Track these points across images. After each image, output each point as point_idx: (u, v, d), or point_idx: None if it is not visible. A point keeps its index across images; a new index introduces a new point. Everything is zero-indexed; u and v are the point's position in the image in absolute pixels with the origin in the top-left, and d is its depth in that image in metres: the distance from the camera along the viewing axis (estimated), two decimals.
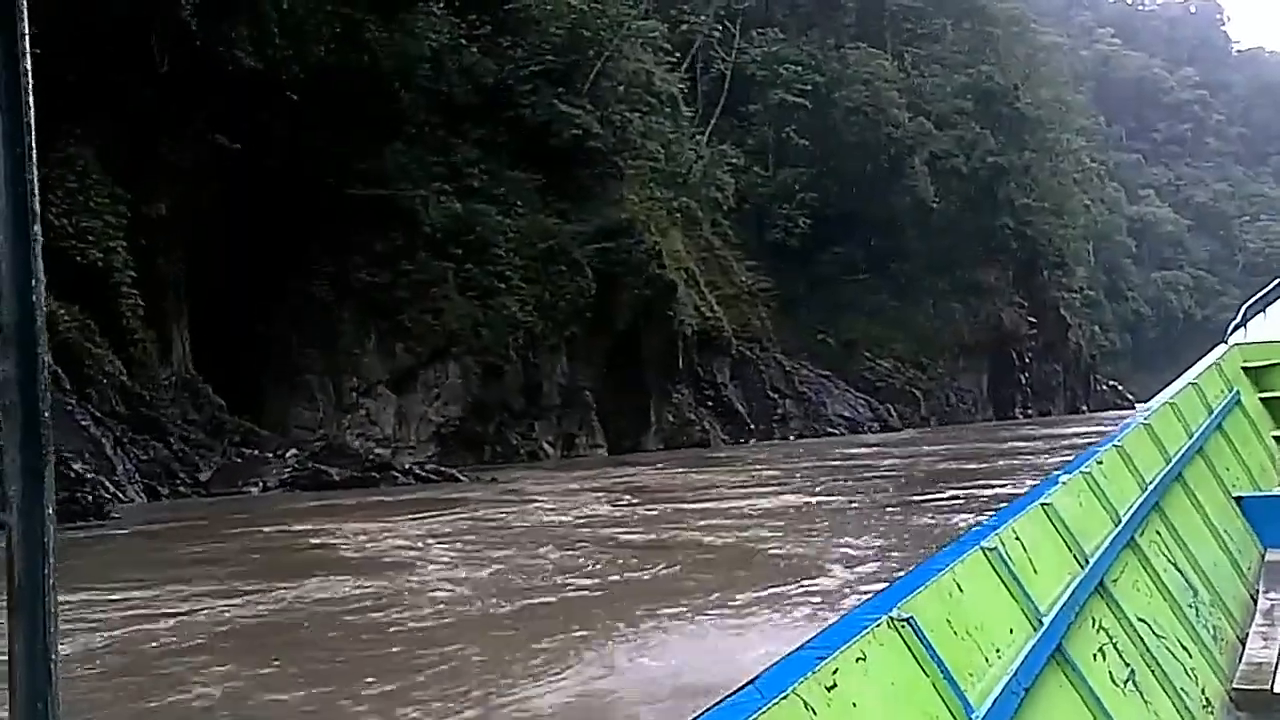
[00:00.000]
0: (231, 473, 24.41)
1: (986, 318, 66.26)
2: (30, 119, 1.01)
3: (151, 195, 29.12)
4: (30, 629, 0.98)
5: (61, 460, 18.33)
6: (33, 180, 1.00)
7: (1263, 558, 7.09)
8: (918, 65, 69.94)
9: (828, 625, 2.45)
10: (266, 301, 32.05)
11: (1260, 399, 9.63)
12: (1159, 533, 5.55)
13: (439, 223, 34.07)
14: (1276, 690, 4.79)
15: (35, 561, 0.99)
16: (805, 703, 2.01)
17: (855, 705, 2.19)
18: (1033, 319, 70.21)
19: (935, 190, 64.96)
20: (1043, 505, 4.03)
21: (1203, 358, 9.66)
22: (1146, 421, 6.56)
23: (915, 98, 67.24)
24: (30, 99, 1.01)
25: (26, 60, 1.00)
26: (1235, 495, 7.50)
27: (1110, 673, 3.85)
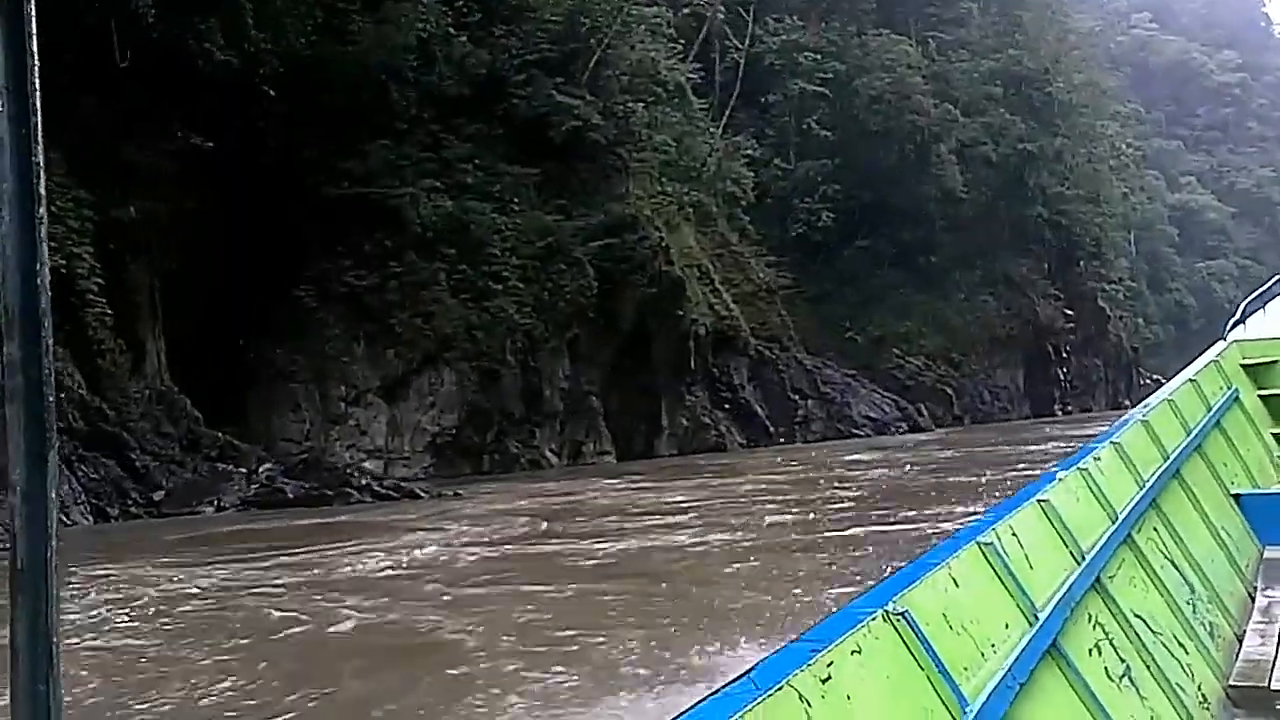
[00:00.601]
0: (188, 491, 22.83)
1: (1021, 311, 63.85)
2: (36, 101, 0.99)
3: (120, 199, 27.65)
4: (33, 610, 0.99)
5: None
6: (39, 162, 0.99)
7: (1261, 555, 7.06)
8: (943, 51, 67.64)
9: (823, 618, 2.43)
10: (250, 308, 30.53)
11: (1259, 396, 9.58)
12: (1156, 530, 5.53)
13: (429, 222, 32.43)
14: (1273, 687, 4.75)
15: (38, 544, 0.99)
16: (800, 694, 2.02)
17: (850, 698, 2.19)
18: (1070, 311, 67.69)
19: (964, 179, 62.74)
20: (1040, 501, 4.04)
21: (1202, 354, 9.55)
22: (1145, 418, 6.48)
23: (941, 84, 65.02)
24: (37, 81, 0.99)
25: (33, 42, 1.00)
26: (1233, 493, 7.46)
27: (1106, 669, 3.85)
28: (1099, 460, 5.09)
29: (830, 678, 2.12)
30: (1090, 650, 3.80)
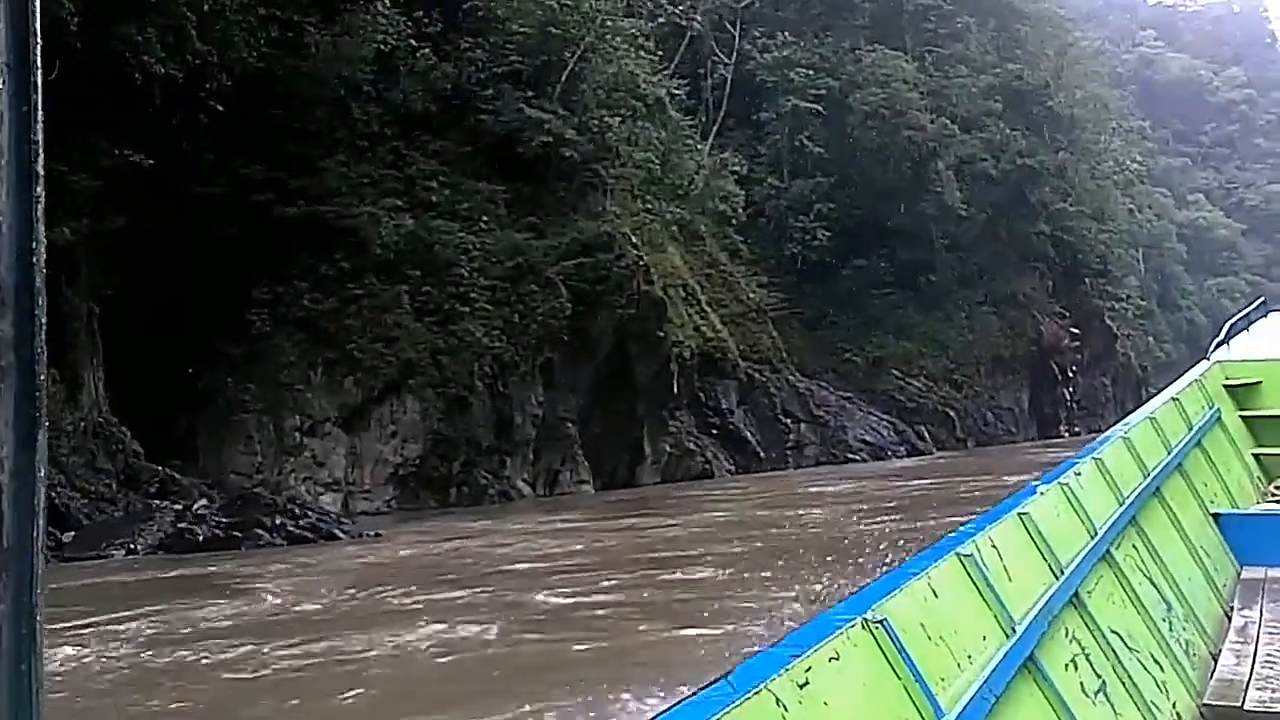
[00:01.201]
0: (99, 534, 21.03)
1: (1025, 330, 61.94)
2: (38, 78, 0.99)
3: (51, 219, 26.00)
4: (16, 590, 0.97)
5: None
6: (38, 141, 0.98)
7: (1238, 575, 7.10)
8: (941, 66, 66.07)
9: (802, 624, 2.45)
10: (198, 334, 28.86)
11: (1240, 416, 9.64)
12: (1135, 546, 5.59)
13: (391, 242, 30.75)
14: (1247, 707, 4.74)
15: (25, 524, 0.98)
16: (777, 699, 2.04)
17: (826, 704, 2.22)
18: (1076, 330, 65.74)
19: (963, 196, 60.97)
20: (1020, 514, 4.06)
21: (1185, 374, 9.64)
22: (1126, 436, 6.48)
23: (939, 100, 63.41)
24: (39, 58, 0.99)
25: (36, 20, 0.98)
26: (1213, 512, 7.50)
27: (1081, 683, 3.86)
28: (1080, 475, 5.10)
29: (808, 683, 2.15)
30: (1066, 665, 3.82)
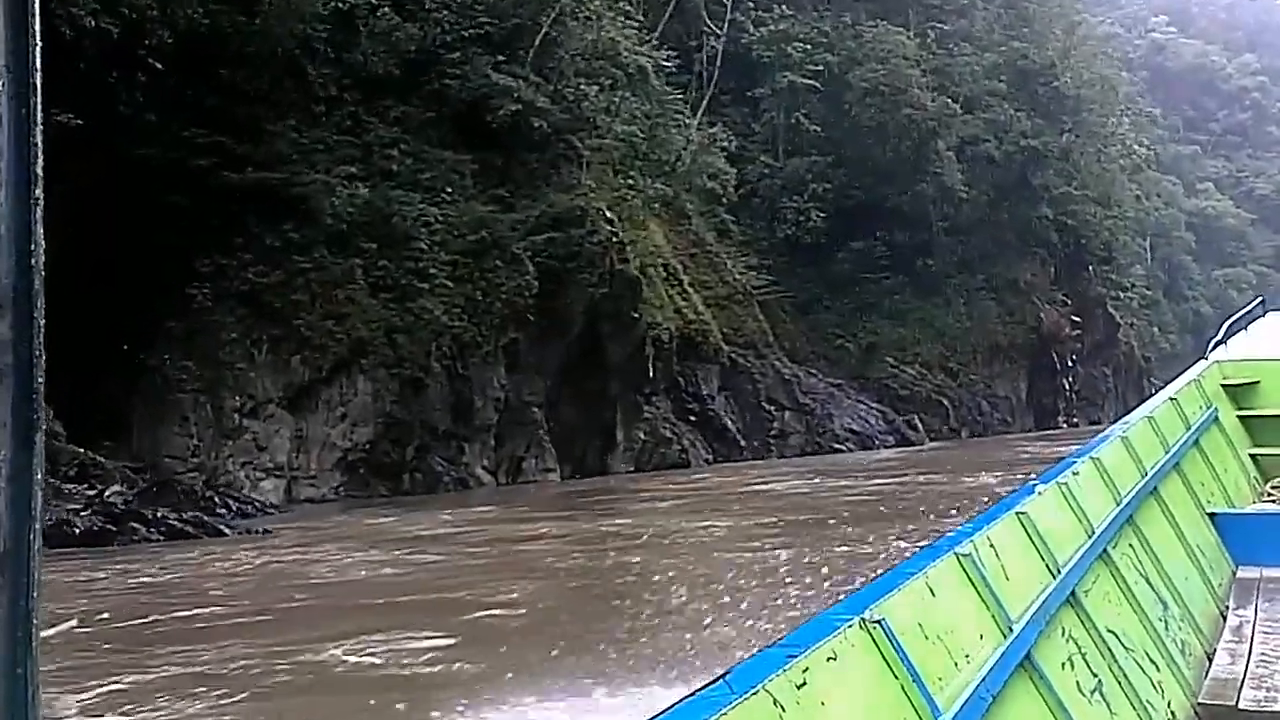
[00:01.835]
0: None
1: (1024, 318, 60.02)
2: (37, 80, 0.98)
3: None
4: (14, 593, 0.98)
5: None
6: (37, 143, 0.98)
7: (1234, 574, 7.11)
8: (944, 44, 63.91)
9: (800, 624, 2.44)
10: (134, 308, 27.10)
11: (1238, 416, 9.67)
12: (1132, 546, 5.57)
13: (344, 212, 28.94)
14: (1241, 706, 4.79)
15: (22, 526, 0.98)
16: (775, 699, 2.04)
17: (824, 704, 2.23)
18: (1077, 318, 63.85)
19: (964, 178, 59.01)
20: (1017, 514, 4.05)
21: (1183, 373, 9.58)
22: (1124, 435, 6.49)
23: (941, 79, 61.32)
24: (39, 60, 0.99)
25: (36, 21, 0.98)
26: (1209, 511, 7.53)
27: (1078, 682, 3.87)
28: (1077, 475, 5.12)
29: (805, 683, 2.14)
30: (1063, 664, 3.82)
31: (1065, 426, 59.08)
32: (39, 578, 0.99)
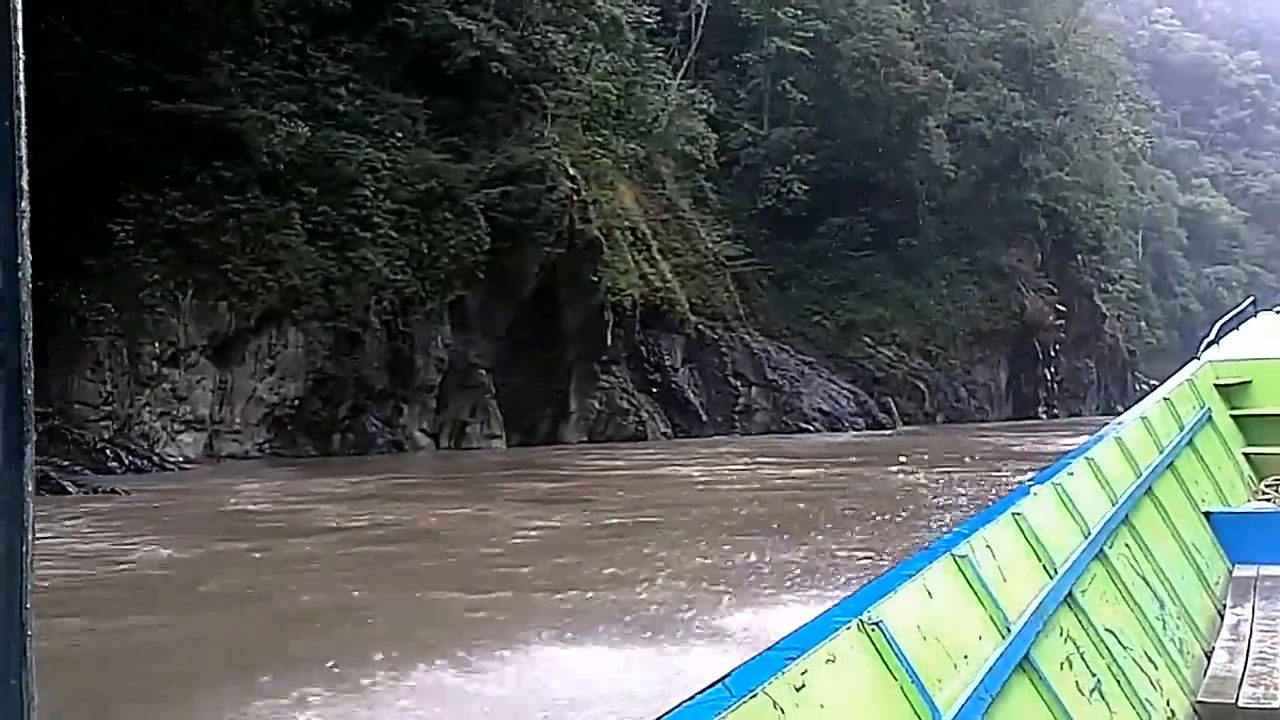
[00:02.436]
0: None
1: (1008, 304, 58.33)
2: (20, 93, 0.99)
3: None
4: (6, 605, 0.98)
5: None
6: (21, 157, 0.99)
7: (1230, 573, 7.19)
8: (940, 17, 62.09)
9: (798, 627, 2.39)
10: (50, 242, 25.21)
11: (1231, 416, 9.78)
12: (1128, 545, 5.63)
13: (282, 152, 27.08)
14: (1240, 704, 4.79)
15: (14, 537, 0.99)
16: (774, 702, 2.03)
17: (823, 707, 2.21)
18: (1062, 307, 62.17)
19: (953, 157, 57.33)
20: (1014, 514, 4.08)
21: (1176, 373, 9.69)
22: (1119, 435, 6.51)
23: (935, 54, 59.54)
24: (21, 73, 0.98)
25: (18, 35, 0.98)
26: (1204, 510, 7.61)
27: (1076, 682, 3.89)
28: (1072, 475, 5.15)
29: (804, 686, 2.14)
30: (1061, 664, 3.84)
31: (1044, 418, 57.59)
32: (32, 589, 0.98)
